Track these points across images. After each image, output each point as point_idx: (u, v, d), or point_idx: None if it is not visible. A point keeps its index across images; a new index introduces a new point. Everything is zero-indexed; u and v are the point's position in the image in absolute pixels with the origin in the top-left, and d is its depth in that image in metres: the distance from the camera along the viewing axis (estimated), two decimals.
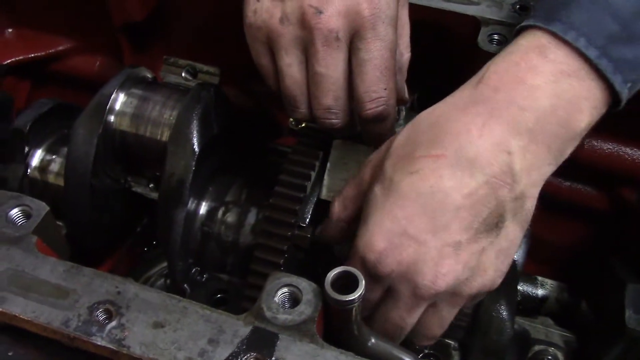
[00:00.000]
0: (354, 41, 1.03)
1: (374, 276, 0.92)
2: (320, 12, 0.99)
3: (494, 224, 0.89)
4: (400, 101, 1.18)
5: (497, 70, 0.92)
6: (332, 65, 1.03)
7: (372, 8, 1.00)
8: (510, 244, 0.92)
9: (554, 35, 0.91)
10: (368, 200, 0.94)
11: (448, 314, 0.97)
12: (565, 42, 0.90)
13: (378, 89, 1.05)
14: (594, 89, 0.90)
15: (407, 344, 1.02)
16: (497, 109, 0.89)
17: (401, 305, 0.94)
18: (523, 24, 0.96)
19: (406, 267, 0.89)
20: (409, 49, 1.16)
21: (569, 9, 0.92)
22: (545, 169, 0.92)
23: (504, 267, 0.94)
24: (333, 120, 1.08)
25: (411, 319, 0.95)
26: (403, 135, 0.96)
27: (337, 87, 1.05)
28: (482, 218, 0.88)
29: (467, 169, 0.87)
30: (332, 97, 1.05)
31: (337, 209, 1.05)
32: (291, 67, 1.06)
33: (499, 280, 0.94)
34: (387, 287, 0.94)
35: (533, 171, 0.90)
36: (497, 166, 0.87)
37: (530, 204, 0.92)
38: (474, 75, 0.95)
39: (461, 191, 0.87)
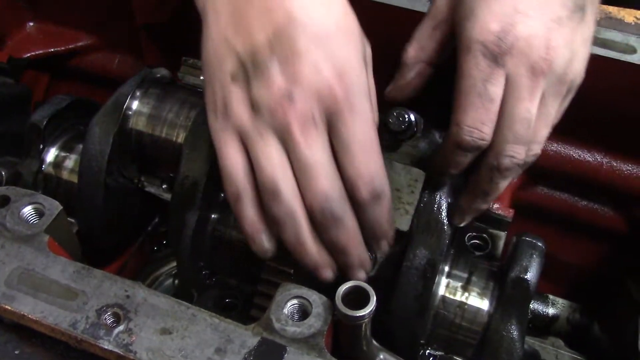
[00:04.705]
0: (332, 122, 0.93)
1: (496, 56, 0.95)
2: (291, 98, 0.90)
3: (580, 7, 0.98)
4: None
5: None
6: (317, 150, 0.93)
7: (344, 86, 0.91)
8: (589, 36, 1.01)
9: None
10: (463, 4, 0.98)
11: (552, 109, 1.00)
12: None
13: (369, 169, 0.94)
14: None
15: None
16: None
17: (524, 93, 0.96)
18: None
19: (523, 42, 0.95)
20: (377, 112, 1.04)
21: None
22: None
23: (586, 57, 1.01)
24: (333, 208, 0.94)
25: (534, 108, 0.98)
26: None
27: (328, 170, 0.94)
28: None
29: None
30: (328, 183, 0.93)
31: (413, 51, 1.06)
32: (270, 159, 0.94)
33: (584, 72, 1.01)
34: (506, 74, 0.96)
35: None
36: None
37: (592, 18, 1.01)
38: None
39: None
